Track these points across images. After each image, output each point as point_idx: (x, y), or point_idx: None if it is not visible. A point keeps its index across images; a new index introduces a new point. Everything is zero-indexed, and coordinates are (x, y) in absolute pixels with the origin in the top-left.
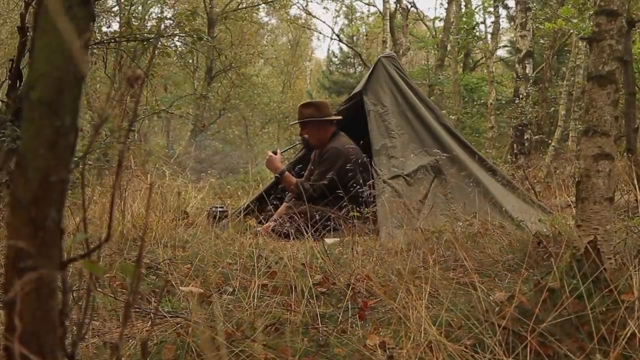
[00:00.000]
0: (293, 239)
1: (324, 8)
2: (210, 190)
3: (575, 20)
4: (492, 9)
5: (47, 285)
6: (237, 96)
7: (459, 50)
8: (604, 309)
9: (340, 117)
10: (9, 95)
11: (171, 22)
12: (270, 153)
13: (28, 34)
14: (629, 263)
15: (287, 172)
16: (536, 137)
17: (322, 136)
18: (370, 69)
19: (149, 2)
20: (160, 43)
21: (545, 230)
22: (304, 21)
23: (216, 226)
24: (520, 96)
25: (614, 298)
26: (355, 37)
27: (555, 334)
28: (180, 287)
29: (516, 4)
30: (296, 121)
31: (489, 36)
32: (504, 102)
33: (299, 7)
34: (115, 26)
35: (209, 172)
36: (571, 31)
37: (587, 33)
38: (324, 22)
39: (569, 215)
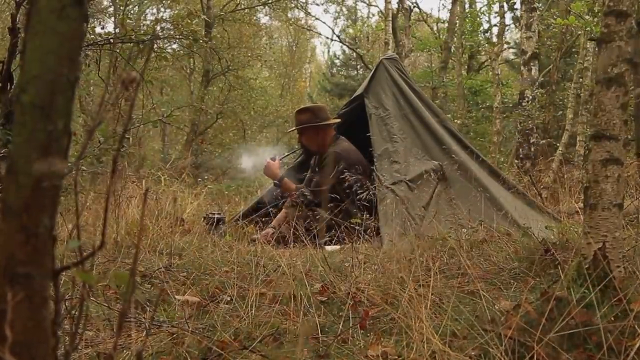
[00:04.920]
0: (292, 245)
1: (324, 11)
2: (208, 196)
3: (587, 17)
4: (496, 9)
5: (39, 294)
6: (234, 99)
7: (463, 52)
8: (612, 319)
9: (338, 120)
10: (0, 98)
11: (168, 24)
12: (268, 160)
13: (19, 35)
14: (639, 271)
15: (285, 179)
16: (543, 141)
17: (321, 141)
18: (372, 71)
19: (145, 2)
20: (156, 46)
21: (552, 237)
22: (303, 22)
23: (213, 233)
24: (526, 99)
25: (623, 307)
26: (357, 39)
27: (563, 345)
28: (176, 296)
29: (521, 5)
30: (293, 128)
31: (494, 37)
32: (510, 105)
33: (298, 8)
34: (109, 27)
35: (206, 177)
36: (579, 32)
37: (596, 32)
38: (324, 22)
39: (577, 221)
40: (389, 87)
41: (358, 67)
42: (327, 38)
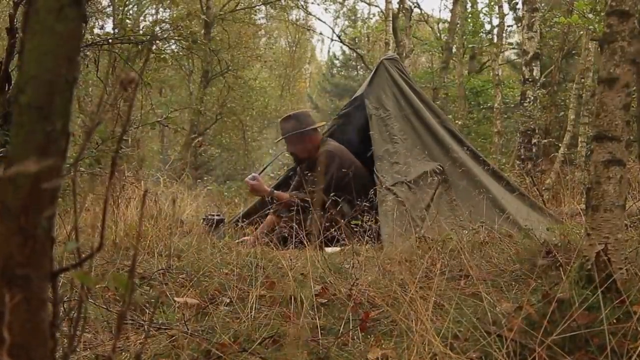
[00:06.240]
0: (293, 247)
1: (325, 10)
2: (207, 198)
3: (590, 16)
4: (497, 9)
5: (37, 296)
6: (234, 100)
7: (464, 52)
8: (614, 321)
9: (323, 123)
10: None
11: (167, 24)
12: (249, 182)
13: (17, 35)
14: None
15: (275, 191)
16: (544, 141)
17: (309, 147)
18: (372, 72)
19: (144, 2)
20: (155, 47)
21: (554, 239)
22: (303, 21)
23: (213, 235)
24: (528, 100)
25: (625, 309)
26: (357, 39)
27: (565, 347)
28: (175, 298)
29: (523, 5)
30: (280, 138)
31: (495, 38)
32: (512, 105)
33: (299, 7)
34: (108, 27)
35: (206, 178)
36: (581, 32)
37: (598, 33)
38: (324, 22)
39: (579, 223)
40: (390, 87)
41: (358, 67)
42: (328, 38)
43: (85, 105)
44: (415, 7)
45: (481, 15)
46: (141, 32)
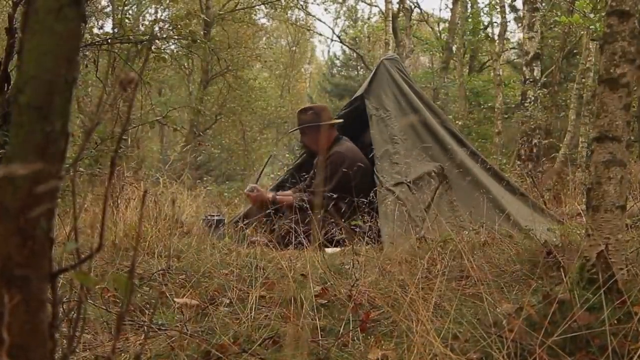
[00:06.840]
0: (295, 247)
1: (325, 10)
2: (207, 198)
3: (592, 15)
4: (498, 9)
5: (36, 297)
6: (233, 100)
7: (465, 52)
8: (615, 322)
9: (341, 120)
10: None
11: (166, 24)
12: (247, 193)
13: (16, 35)
14: None
15: (277, 197)
16: (545, 141)
17: (323, 141)
18: (372, 72)
19: (143, 2)
20: (154, 46)
21: (554, 239)
22: (303, 22)
23: (212, 235)
24: (529, 100)
25: (626, 310)
26: (357, 39)
27: (565, 348)
28: (174, 299)
29: (524, 5)
30: (295, 128)
31: (496, 37)
32: (512, 105)
33: (299, 8)
34: (108, 27)
35: (205, 178)
36: (582, 32)
37: (599, 33)
38: (324, 22)
39: (580, 223)
40: (390, 87)
41: (358, 67)
42: (328, 38)
43: (84, 105)
44: (415, 7)
45: (481, 14)
46: (140, 31)
